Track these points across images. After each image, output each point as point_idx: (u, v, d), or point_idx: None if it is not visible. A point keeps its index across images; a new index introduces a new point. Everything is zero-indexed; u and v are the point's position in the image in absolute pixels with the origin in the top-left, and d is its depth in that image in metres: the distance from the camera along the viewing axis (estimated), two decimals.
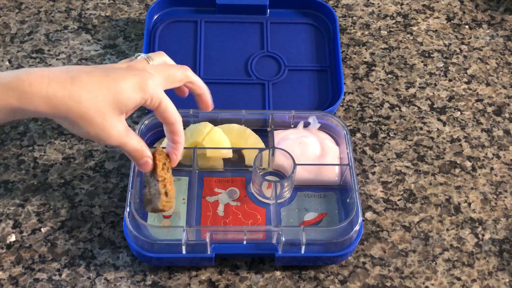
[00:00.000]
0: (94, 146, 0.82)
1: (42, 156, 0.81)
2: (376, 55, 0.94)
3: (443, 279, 0.73)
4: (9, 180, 0.79)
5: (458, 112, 0.88)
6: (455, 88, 0.91)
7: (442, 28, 0.98)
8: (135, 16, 0.97)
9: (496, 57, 0.95)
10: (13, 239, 0.74)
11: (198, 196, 0.76)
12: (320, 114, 0.81)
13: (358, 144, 0.84)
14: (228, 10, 0.95)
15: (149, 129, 0.81)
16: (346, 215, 0.76)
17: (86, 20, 0.96)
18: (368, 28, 0.97)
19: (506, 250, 0.76)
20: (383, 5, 1.01)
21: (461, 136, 0.86)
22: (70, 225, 0.76)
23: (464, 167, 0.83)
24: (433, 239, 0.76)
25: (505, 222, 0.78)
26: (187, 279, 0.72)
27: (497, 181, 0.82)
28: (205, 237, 0.71)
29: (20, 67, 0.90)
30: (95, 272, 0.72)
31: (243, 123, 0.81)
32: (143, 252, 0.71)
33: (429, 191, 0.80)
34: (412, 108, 0.88)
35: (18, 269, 0.72)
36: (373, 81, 0.91)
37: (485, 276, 0.74)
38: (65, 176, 0.79)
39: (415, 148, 0.84)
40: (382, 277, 0.73)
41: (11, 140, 0.82)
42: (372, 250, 0.75)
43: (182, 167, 0.79)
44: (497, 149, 0.85)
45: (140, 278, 0.72)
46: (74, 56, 0.91)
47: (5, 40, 0.93)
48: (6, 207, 0.77)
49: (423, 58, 0.94)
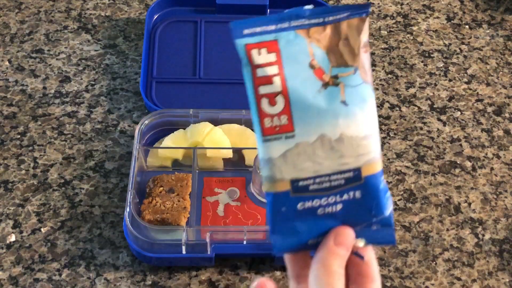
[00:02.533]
0: (94, 146, 0.82)
1: (42, 156, 0.81)
2: (376, 55, 0.94)
3: (443, 279, 0.73)
4: (9, 180, 0.79)
5: (458, 112, 0.88)
6: (455, 88, 0.91)
7: (442, 28, 0.98)
8: (135, 16, 0.97)
9: (496, 57, 0.95)
10: (13, 239, 0.74)
11: (198, 196, 0.76)
12: None
13: None
14: (228, 10, 0.95)
15: (149, 129, 0.81)
16: None
17: (86, 20, 0.96)
18: (368, 28, 0.97)
19: (506, 250, 0.76)
20: (383, 5, 1.01)
21: (461, 136, 0.86)
22: (70, 225, 0.76)
23: (464, 167, 0.83)
24: (433, 239, 0.76)
25: (505, 222, 0.78)
26: (187, 279, 0.72)
27: (497, 181, 0.82)
28: (205, 237, 0.71)
29: (20, 67, 0.90)
30: (95, 272, 0.72)
31: (243, 123, 0.81)
32: (143, 252, 0.71)
33: (429, 191, 0.80)
34: (412, 108, 0.88)
35: (18, 269, 0.72)
36: (373, 81, 0.91)
37: (485, 276, 0.74)
38: (65, 176, 0.79)
39: (415, 148, 0.84)
40: (382, 277, 0.73)
41: (11, 140, 0.82)
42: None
43: (182, 167, 0.79)
44: (497, 149, 0.85)
45: (140, 278, 0.72)
46: (74, 56, 0.91)
47: (5, 40, 0.93)
48: (6, 207, 0.77)
49: (423, 58, 0.94)
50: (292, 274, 0.46)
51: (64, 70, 0.89)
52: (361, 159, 0.42)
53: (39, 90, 0.87)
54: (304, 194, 0.42)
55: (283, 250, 0.43)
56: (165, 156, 0.79)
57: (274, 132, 0.42)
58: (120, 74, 0.89)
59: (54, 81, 0.88)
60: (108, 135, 0.83)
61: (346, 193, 0.42)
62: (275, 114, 0.42)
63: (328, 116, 0.41)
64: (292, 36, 0.42)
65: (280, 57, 0.42)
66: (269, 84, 0.42)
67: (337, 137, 0.42)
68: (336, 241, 0.43)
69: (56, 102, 0.86)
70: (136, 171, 0.75)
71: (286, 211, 0.42)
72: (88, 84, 0.88)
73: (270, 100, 0.42)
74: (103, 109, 0.86)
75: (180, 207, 0.73)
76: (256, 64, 0.42)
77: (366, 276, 0.44)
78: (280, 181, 0.42)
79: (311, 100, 0.42)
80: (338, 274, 0.43)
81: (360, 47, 0.43)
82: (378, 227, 0.43)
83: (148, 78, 0.88)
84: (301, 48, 0.42)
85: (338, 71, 0.42)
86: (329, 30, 0.43)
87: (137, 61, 0.91)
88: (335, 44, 0.42)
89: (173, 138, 0.79)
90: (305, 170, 0.42)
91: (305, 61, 0.42)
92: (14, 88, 0.87)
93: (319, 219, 0.43)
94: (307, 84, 0.42)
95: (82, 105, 0.86)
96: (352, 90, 0.42)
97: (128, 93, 0.87)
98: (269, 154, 0.42)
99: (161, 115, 0.80)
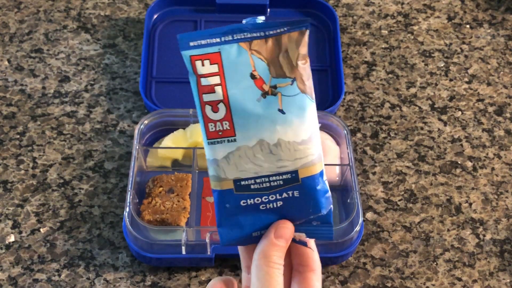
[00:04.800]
0: (93, 146, 0.82)
1: (41, 156, 0.81)
2: (377, 55, 0.94)
3: (444, 280, 0.73)
4: (8, 180, 0.79)
5: (459, 112, 0.88)
6: (456, 88, 0.91)
7: (443, 27, 0.98)
8: (134, 16, 0.96)
9: (497, 56, 0.95)
10: (12, 239, 0.74)
11: (198, 196, 0.76)
12: (321, 114, 0.81)
13: (359, 144, 0.84)
14: (228, 10, 0.95)
15: (148, 129, 0.80)
16: (346, 216, 0.75)
17: (86, 19, 0.96)
18: (369, 28, 0.97)
19: (507, 250, 0.76)
20: (383, 4, 1.01)
21: (462, 136, 0.86)
22: (70, 225, 0.75)
23: (465, 167, 0.83)
24: (434, 239, 0.76)
25: (506, 223, 0.78)
26: (187, 280, 0.72)
27: (498, 181, 0.82)
28: (205, 237, 0.70)
29: (19, 66, 0.89)
30: (94, 273, 0.72)
31: None
32: (143, 252, 0.70)
33: (430, 191, 0.80)
34: (413, 108, 0.88)
35: (17, 270, 0.72)
36: (374, 80, 0.91)
37: (486, 276, 0.73)
38: (64, 176, 0.79)
39: (416, 148, 0.84)
40: (382, 277, 0.73)
41: (10, 140, 0.82)
42: (373, 251, 0.75)
43: (182, 167, 0.79)
44: (498, 149, 0.85)
45: (140, 278, 0.72)
46: (73, 56, 0.91)
47: (4, 39, 0.92)
48: (5, 207, 0.76)
49: (424, 58, 0.94)
50: (244, 265, 0.49)
51: (64, 70, 0.89)
52: (298, 162, 0.46)
53: (38, 90, 0.87)
54: (246, 192, 0.46)
55: (229, 242, 0.47)
56: (164, 156, 0.78)
57: (217, 136, 0.46)
58: (119, 74, 0.89)
59: (53, 81, 0.88)
60: (107, 135, 0.83)
61: (285, 192, 0.46)
62: (218, 120, 0.45)
63: (266, 122, 0.45)
64: (235, 48, 0.45)
65: (222, 68, 0.45)
66: (212, 92, 0.45)
67: (275, 142, 0.45)
68: (276, 234, 0.46)
69: (56, 102, 0.86)
70: (136, 171, 0.74)
71: (230, 207, 0.46)
72: (87, 84, 0.88)
73: (213, 107, 0.45)
74: (103, 109, 0.85)
75: (180, 207, 0.73)
76: (200, 74, 0.45)
77: (307, 266, 0.48)
78: (224, 180, 0.46)
79: (250, 108, 0.45)
80: (278, 264, 0.46)
81: (298, 59, 0.46)
82: (318, 223, 0.47)
83: (147, 78, 0.88)
84: (243, 60, 0.45)
85: (276, 82, 0.46)
86: (271, 43, 0.46)
87: (136, 60, 0.91)
88: (276, 56, 0.46)
89: (172, 138, 0.79)
90: (246, 171, 0.46)
91: (246, 72, 0.45)
92: (13, 88, 0.87)
93: (261, 214, 0.47)
94: (247, 93, 0.45)
95: (81, 105, 0.86)
96: (289, 99, 0.45)
97: (127, 93, 0.87)
98: (214, 156, 0.46)
99: (160, 115, 0.80)
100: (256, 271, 0.46)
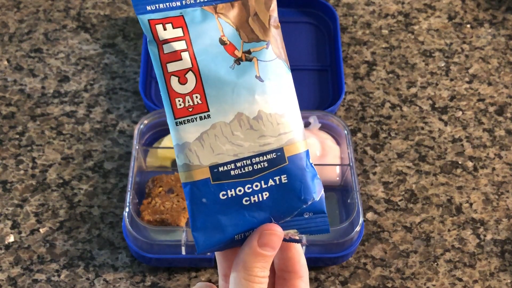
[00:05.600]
0: (93, 146, 0.82)
1: (40, 156, 0.81)
2: (377, 55, 0.93)
3: (444, 280, 0.73)
4: (8, 180, 0.78)
5: (459, 112, 0.88)
6: (456, 88, 0.91)
7: (443, 27, 0.98)
8: (134, 15, 0.96)
9: (498, 56, 0.94)
10: (11, 239, 0.74)
11: None
12: (321, 114, 0.81)
13: (359, 144, 0.84)
14: None
15: (148, 129, 0.80)
16: (346, 216, 0.75)
17: (85, 19, 0.95)
18: (369, 27, 0.97)
19: (508, 251, 0.76)
20: (384, 4, 1.01)
21: (462, 136, 0.85)
22: (69, 225, 0.75)
23: (466, 167, 0.82)
24: (435, 239, 0.76)
25: (507, 223, 0.78)
26: (186, 280, 0.72)
27: (499, 181, 0.81)
28: None
29: (18, 66, 0.89)
30: (94, 273, 0.72)
31: None
32: (143, 253, 0.70)
33: (430, 191, 0.80)
34: (414, 108, 0.88)
35: (16, 270, 0.72)
36: (374, 80, 0.90)
37: (486, 277, 0.73)
38: (64, 176, 0.79)
39: (416, 148, 0.84)
40: (383, 278, 0.73)
41: (10, 140, 0.82)
42: (373, 251, 0.75)
43: None
44: (499, 149, 0.84)
45: (140, 279, 0.72)
46: (73, 56, 0.91)
47: (3, 39, 0.92)
48: (5, 208, 0.76)
49: (424, 58, 0.94)
50: (221, 273, 0.42)
51: (63, 69, 0.89)
52: (283, 138, 0.40)
53: (37, 89, 0.87)
54: (225, 181, 0.39)
55: (207, 248, 0.40)
56: (164, 156, 0.78)
57: (187, 113, 0.39)
58: (119, 74, 0.89)
59: (52, 80, 0.88)
60: (107, 135, 0.83)
61: (271, 178, 0.40)
62: (187, 93, 0.39)
63: (244, 92, 0.39)
64: (199, 12, 0.40)
65: (187, 32, 0.39)
66: (177, 60, 0.39)
67: (255, 115, 0.39)
68: (260, 242, 0.39)
69: (55, 101, 0.86)
70: (135, 171, 0.74)
71: (207, 202, 0.39)
72: (87, 83, 0.88)
73: (180, 78, 0.39)
74: (102, 109, 0.85)
75: (180, 207, 0.73)
76: (162, 40, 0.39)
77: (293, 272, 0.41)
78: (198, 168, 0.39)
79: (224, 76, 0.39)
80: (260, 278, 0.39)
81: (270, 22, 0.42)
82: (310, 215, 0.41)
83: (147, 78, 0.87)
84: (209, 24, 0.40)
85: (250, 46, 0.40)
86: (237, 7, 0.41)
87: (136, 60, 0.90)
88: (245, 20, 0.41)
89: None
90: (224, 154, 0.39)
91: (215, 37, 0.40)
92: (12, 88, 0.87)
93: (245, 211, 0.40)
94: (218, 59, 0.40)
95: (81, 105, 0.85)
96: (266, 64, 0.40)
97: (127, 92, 0.87)
98: (184, 139, 0.39)
99: (160, 115, 0.80)
100: (234, 284, 0.39)
